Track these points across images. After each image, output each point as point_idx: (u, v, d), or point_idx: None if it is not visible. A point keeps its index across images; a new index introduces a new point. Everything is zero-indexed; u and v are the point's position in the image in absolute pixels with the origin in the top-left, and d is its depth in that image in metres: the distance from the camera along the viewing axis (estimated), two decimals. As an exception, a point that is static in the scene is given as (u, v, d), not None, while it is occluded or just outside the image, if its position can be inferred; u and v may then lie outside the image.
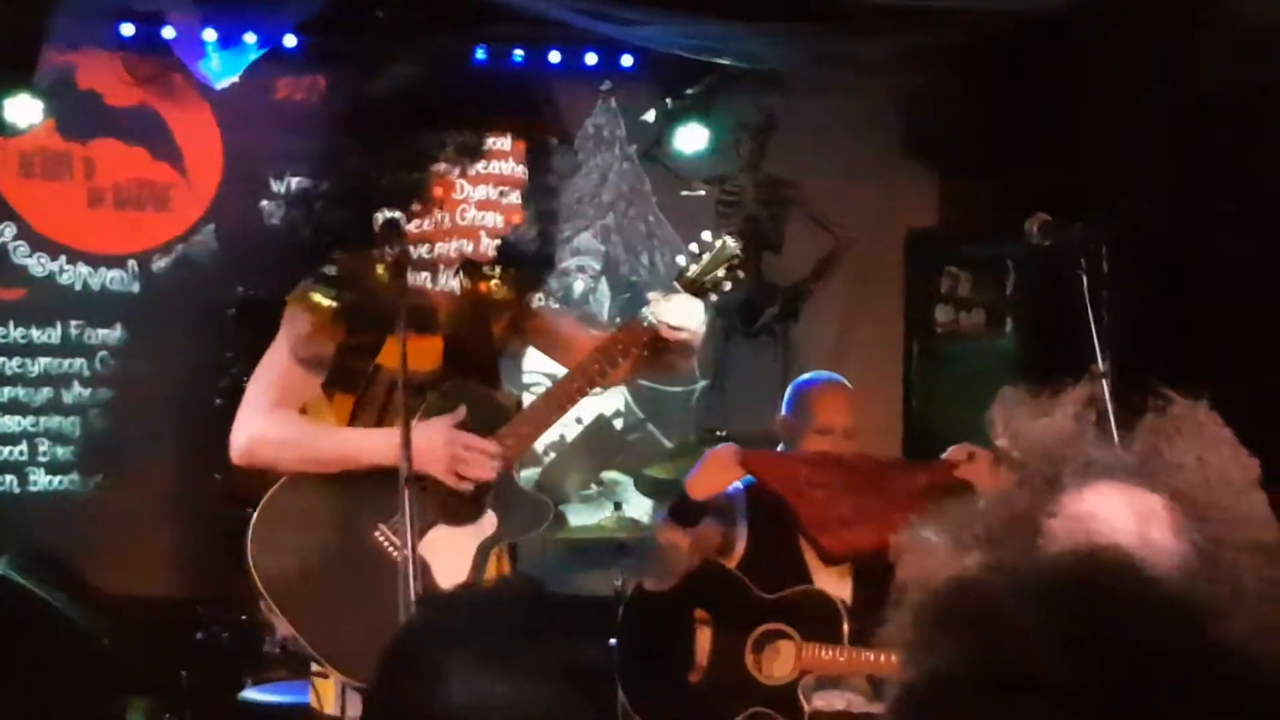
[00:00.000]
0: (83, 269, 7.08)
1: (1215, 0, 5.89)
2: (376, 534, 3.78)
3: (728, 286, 4.09)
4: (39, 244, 7.02)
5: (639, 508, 7.31)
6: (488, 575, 3.82)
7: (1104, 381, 3.99)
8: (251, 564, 3.75)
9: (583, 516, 7.30)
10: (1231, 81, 5.80)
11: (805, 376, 5.11)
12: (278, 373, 3.84)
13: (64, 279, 7.05)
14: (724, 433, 6.73)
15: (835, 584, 4.65)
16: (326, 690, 3.82)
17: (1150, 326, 5.53)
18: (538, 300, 4.06)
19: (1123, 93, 6.39)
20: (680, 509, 4.72)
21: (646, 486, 7.25)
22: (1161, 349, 5.01)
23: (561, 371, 4.10)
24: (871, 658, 4.46)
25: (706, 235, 4.10)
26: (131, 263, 7.12)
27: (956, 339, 7.66)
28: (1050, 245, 4.27)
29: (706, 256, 4.05)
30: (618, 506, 6.69)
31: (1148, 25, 6.12)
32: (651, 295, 4.02)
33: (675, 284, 4.02)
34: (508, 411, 3.92)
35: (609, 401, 7.60)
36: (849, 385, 4.97)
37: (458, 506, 3.83)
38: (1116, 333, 4.17)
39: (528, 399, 4.19)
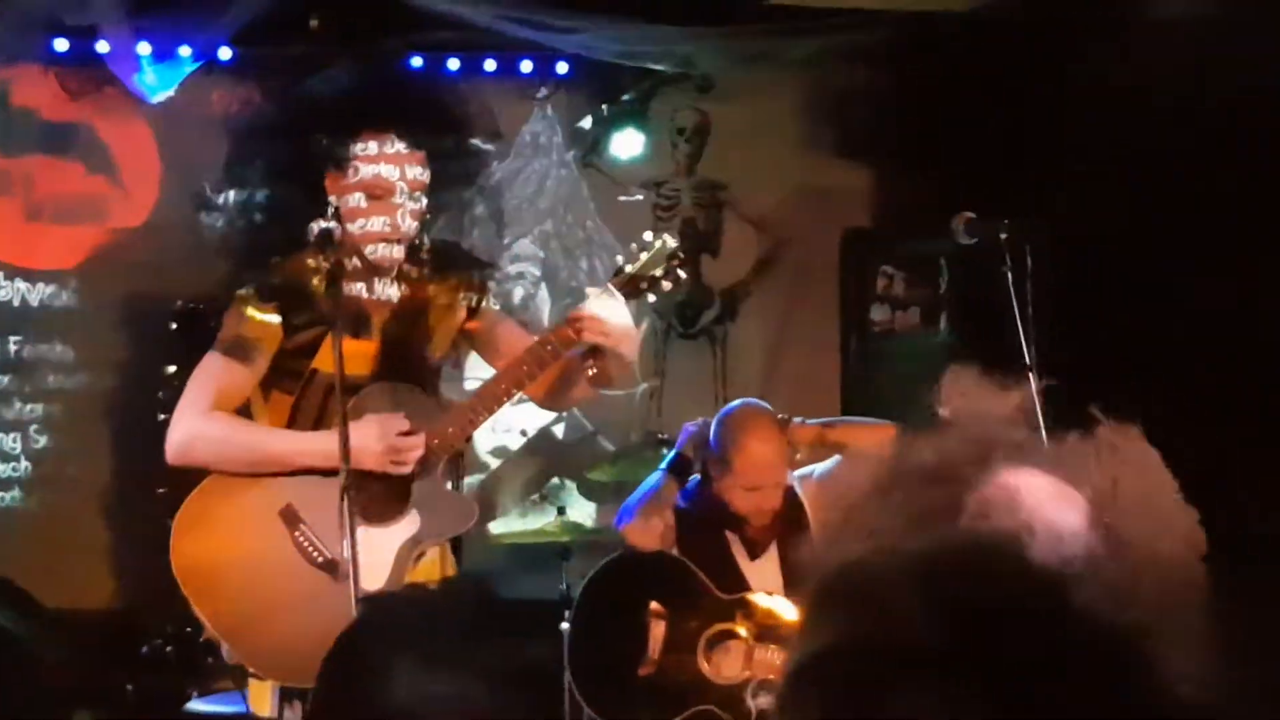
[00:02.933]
0: (21, 285, 7.06)
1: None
2: (298, 535, 3.80)
3: (667, 286, 4.08)
4: (-24, 261, 7.00)
5: (582, 511, 7.35)
6: (432, 577, 3.85)
7: (1031, 376, 4.07)
8: (174, 569, 3.78)
9: (526, 521, 7.33)
10: (1152, 77, 5.88)
11: (733, 407, 4.97)
12: (215, 374, 3.87)
13: (2, 295, 7.03)
14: (665, 435, 6.76)
15: (768, 580, 4.69)
16: (262, 692, 3.85)
17: (1077, 322, 5.61)
18: (482, 304, 4.08)
19: (1048, 90, 6.47)
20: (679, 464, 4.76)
21: (589, 490, 7.29)
22: (1088, 346, 5.09)
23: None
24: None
25: (647, 235, 4.12)
26: (70, 277, 7.10)
27: (892, 337, 7.72)
28: (976, 243, 4.35)
29: (644, 255, 4.06)
30: (561, 511, 6.72)
31: (1069, 23, 6.21)
32: (589, 292, 4.04)
33: (609, 284, 4.04)
34: (435, 414, 3.94)
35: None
36: (775, 420, 4.83)
37: (381, 508, 3.86)
38: (1044, 329, 4.24)
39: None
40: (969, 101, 6.93)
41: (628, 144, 7.60)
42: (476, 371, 6.33)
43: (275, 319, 3.83)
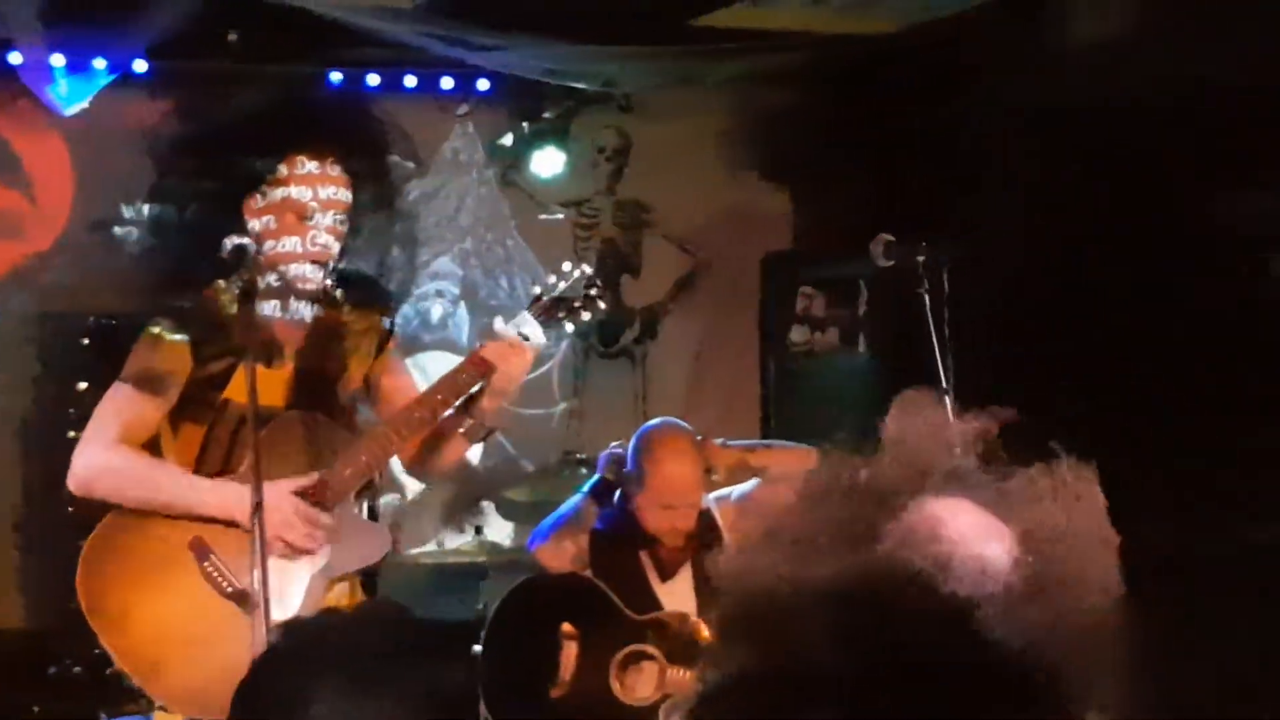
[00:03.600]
0: (-68, 300, 6.96)
1: (1043, 21, 6.02)
2: (207, 566, 3.73)
3: (585, 316, 4.04)
4: (-114, 277, 6.89)
5: (500, 531, 7.31)
6: (340, 604, 3.78)
7: (947, 399, 4.08)
8: (81, 603, 3.71)
9: (444, 541, 7.28)
10: (1067, 99, 5.94)
11: (650, 426, 4.98)
12: (122, 406, 3.78)
13: (-89, 311, 6.93)
14: (583, 455, 6.75)
15: (680, 601, 4.68)
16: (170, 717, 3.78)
17: (997, 343, 5.64)
18: (388, 345, 4.01)
19: (970, 113, 6.51)
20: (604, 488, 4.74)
21: (507, 510, 7.25)
22: (1007, 366, 5.11)
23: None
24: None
25: (566, 265, 4.06)
26: (-18, 292, 7.01)
27: (812, 358, 7.74)
28: (894, 265, 4.36)
29: (562, 285, 4.01)
30: (479, 530, 6.68)
31: (986, 48, 6.26)
32: (496, 322, 3.97)
33: (526, 312, 3.98)
34: (348, 445, 3.84)
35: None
36: (692, 440, 4.83)
37: None
38: (962, 351, 4.26)
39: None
40: (891, 124, 6.96)
41: (549, 162, 7.58)
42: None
43: (185, 349, 3.76)
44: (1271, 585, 5.22)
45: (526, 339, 3.89)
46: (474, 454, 7.57)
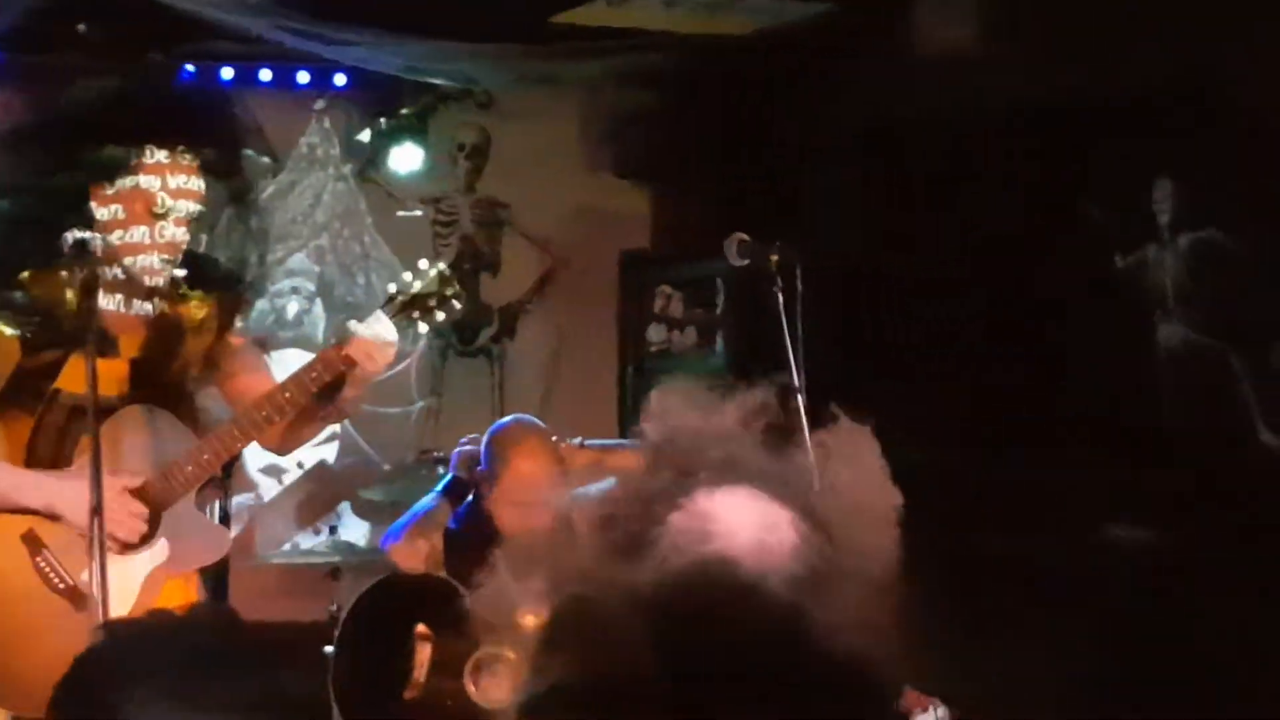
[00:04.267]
0: None
1: (892, 28, 6.11)
2: (39, 560, 3.66)
3: (440, 316, 3.99)
4: None
5: (355, 530, 7.24)
6: (176, 603, 3.72)
7: (799, 397, 4.10)
8: None
9: (296, 540, 7.19)
10: (913, 105, 6.03)
11: (503, 424, 4.97)
12: None
13: None
14: (440, 453, 6.70)
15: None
16: (-3, 720, 3.70)
17: (842, 343, 5.71)
18: (230, 327, 3.95)
19: (817, 114, 6.58)
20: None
21: (363, 509, 7.18)
22: (851, 366, 5.18)
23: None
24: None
25: (423, 262, 4.02)
26: None
27: (669, 357, 7.76)
28: (749, 264, 4.38)
29: (418, 284, 3.96)
30: (333, 530, 6.61)
31: (836, 50, 6.33)
32: (351, 323, 3.91)
33: (381, 310, 3.93)
34: (189, 439, 3.80)
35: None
36: (545, 437, 4.82)
37: None
38: (813, 349, 4.29)
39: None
40: (748, 123, 7.00)
41: (406, 159, 7.53)
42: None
43: (13, 337, 3.69)
44: (1111, 583, 5.33)
45: (382, 338, 3.85)
46: (330, 453, 7.50)
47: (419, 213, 7.71)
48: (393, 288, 3.97)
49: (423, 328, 4.02)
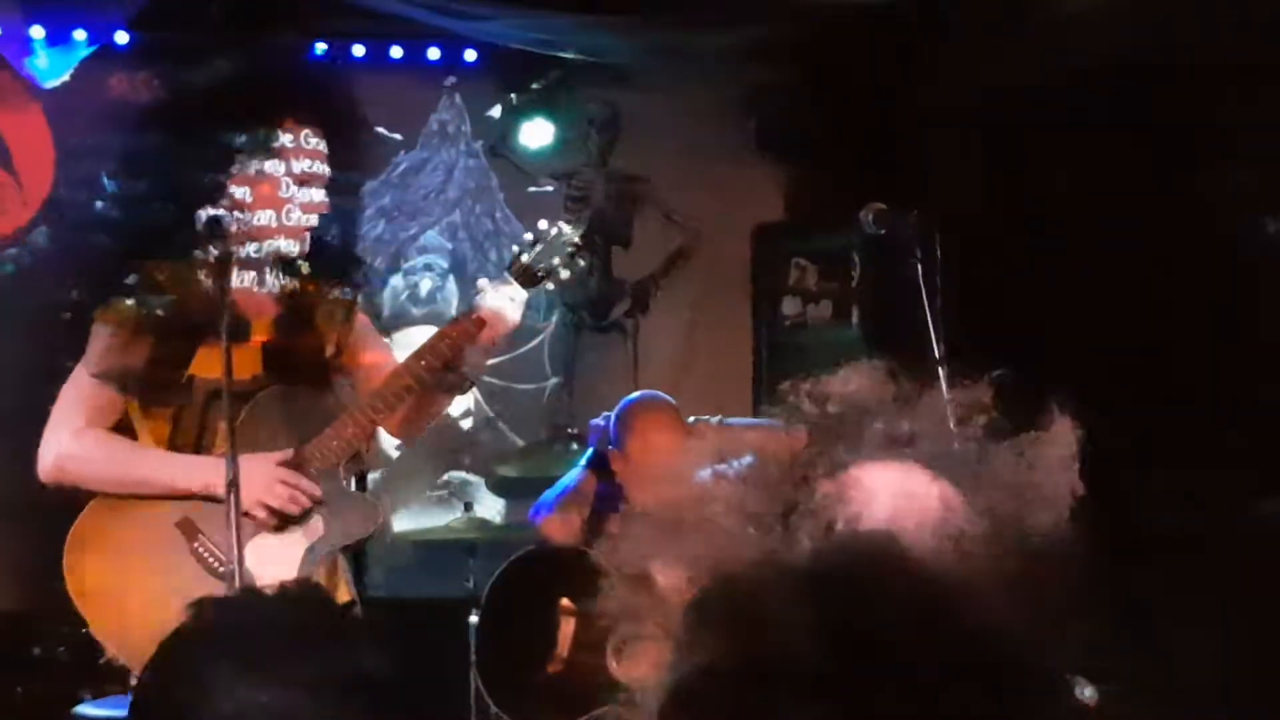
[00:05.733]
0: (-88, 276, 6.88)
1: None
2: (197, 545, 3.69)
3: (565, 274, 4.02)
4: None
5: (490, 508, 7.25)
6: (321, 579, 3.74)
7: (940, 369, 4.00)
8: (70, 592, 3.67)
9: (432, 518, 7.20)
10: (1057, 68, 5.89)
11: (632, 399, 4.96)
12: (82, 391, 3.77)
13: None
14: (575, 430, 6.69)
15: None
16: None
17: (985, 311, 5.60)
18: (353, 311, 3.97)
19: (955, 81, 6.46)
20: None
21: (498, 486, 7.19)
22: (995, 334, 5.07)
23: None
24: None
25: (543, 224, 4.06)
26: (-39, 269, 6.93)
27: (804, 330, 7.68)
28: (886, 234, 4.29)
29: (540, 245, 4.00)
30: (468, 507, 6.60)
31: (976, 15, 6.20)
32: (480, 281, 3.98)
33: (506, 273, 3.97)
34: (332, 415, 3.82)
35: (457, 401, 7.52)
36: (675, 411, 4.80)
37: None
38: (952, 319, 4.19)
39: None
40: (878, 92, 6.89)
41: (537, 134, 7.51)
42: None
43: (146, 328, 3.71)
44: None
45: (511, 299, 3.88)
46: (465, 423, 7.52)
47: (550, 188, 7.69)
48: (515, 248, 3.98)
49: (549, 286, 4.03)
